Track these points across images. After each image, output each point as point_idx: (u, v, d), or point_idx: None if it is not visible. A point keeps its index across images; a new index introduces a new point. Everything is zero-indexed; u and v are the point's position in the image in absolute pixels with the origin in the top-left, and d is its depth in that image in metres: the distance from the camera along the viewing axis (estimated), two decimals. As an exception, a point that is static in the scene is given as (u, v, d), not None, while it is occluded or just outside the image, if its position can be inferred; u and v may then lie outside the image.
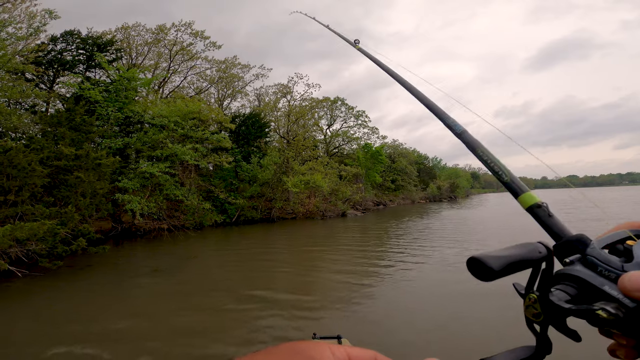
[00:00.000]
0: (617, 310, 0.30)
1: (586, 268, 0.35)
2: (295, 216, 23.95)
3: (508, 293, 0.46)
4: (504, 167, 0.51)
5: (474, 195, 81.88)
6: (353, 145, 39.73)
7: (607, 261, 0.34)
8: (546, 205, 0.44)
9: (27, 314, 5.71)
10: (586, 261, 0.35)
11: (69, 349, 4.25)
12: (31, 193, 9.74)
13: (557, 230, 0.41)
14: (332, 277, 7.67)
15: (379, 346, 4.00)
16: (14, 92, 13.02)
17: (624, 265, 0.33)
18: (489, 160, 0.53)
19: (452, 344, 3.96)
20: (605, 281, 0.33)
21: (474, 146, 0.57)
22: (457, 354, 3.62)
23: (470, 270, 0.36)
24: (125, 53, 22.92)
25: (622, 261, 0.34)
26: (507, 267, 0.36)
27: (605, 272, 0.33)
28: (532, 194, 0.46)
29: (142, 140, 16.74)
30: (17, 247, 8.11)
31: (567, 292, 0.34)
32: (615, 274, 0.33)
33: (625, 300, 0.31)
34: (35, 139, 11.75)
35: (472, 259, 0.36)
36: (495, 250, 0.37)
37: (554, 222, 0.42)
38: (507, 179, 0.49)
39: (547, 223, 0.43)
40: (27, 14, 12.95)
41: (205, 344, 4.31)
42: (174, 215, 17.60)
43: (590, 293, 0.33)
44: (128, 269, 9.56)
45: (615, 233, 0.38)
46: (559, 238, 0.40)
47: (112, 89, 16.64)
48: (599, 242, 0.37)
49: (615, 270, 0.33)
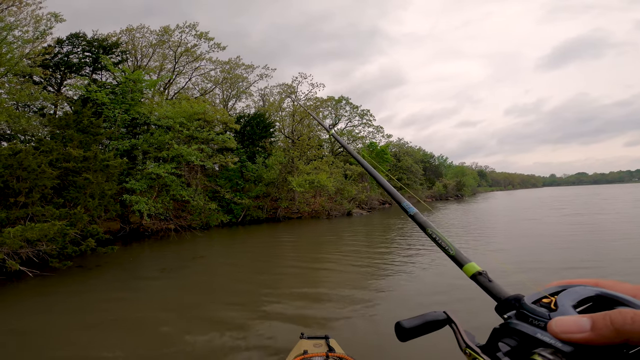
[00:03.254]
0: (554, 355, 0.34)
1: (520, 320, 0.40)
2: (301, 215, 23.95)
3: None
4: (449, 243, 0.57)
5: (480, 193, 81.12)
6: (358, 144, 39.60)
7: (536, 312, 0.39)
8: (485, 273, 0.52)
9: (40, 310, 5.77)
10: (520, 315, 0.41)
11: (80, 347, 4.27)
12: (41, 194, 9.86)
13: (496, 293, 0.48)
14: (338, 276, 7.63)
15: (379, 346, 3.95)
16: (23, 95, 13.19)
17: (550, 314, 0.38)
18: (437, 237, 0.59)
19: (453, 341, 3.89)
20: (537, 329, 0.38)
21: (424, 226, 0.63)
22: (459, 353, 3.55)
23: (395, 331, 0.49)
24: (131, 55, 23.10)
25: (548, 311, 0.39)
26: (417, 328, 0.49)
27: (535, 322, 0.38)
28: (474, 264, 0.53)
29: (149, 141, 16.85)
30: (28, 247, 8.21)
31: (507, 343, 0.40)
32: (544, 322, 0.37)
33: (559, 344, 0.35)
34: (45, 141, 11.88)
35: (396, 323, 0.50)
36: (411, 317, 0.49)
37: (493, 286, 0.50)
38: (453, 253, 0.56)
39: (487, 287, 0.50)
40: (33, 17, 13.10)
41: (215, 339, 4.31)
42: (181, 215, 17.72)
43: (528, 342, 0.38)
44: (136, 268, 9.63)
45: (545, 289, 0.43)
46: (499, 299, 0.47)
47: (119, 91, 16.77)
48: (530, 298, 0.42)
49: (543, 319, 0.38)
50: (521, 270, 6.78)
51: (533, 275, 6.63)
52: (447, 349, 1.65)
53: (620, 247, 9.08)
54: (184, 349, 4.16)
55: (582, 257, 7.99)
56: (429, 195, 49.07)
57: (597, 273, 6.85)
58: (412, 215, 0.68)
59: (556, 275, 6.48)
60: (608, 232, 11.79)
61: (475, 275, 0.52)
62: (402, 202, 0.72)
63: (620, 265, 7.23)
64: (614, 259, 7.73)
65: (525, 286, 0.51)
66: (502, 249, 9.72)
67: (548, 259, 8.06)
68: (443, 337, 0.52)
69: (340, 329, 4.51)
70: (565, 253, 8.58)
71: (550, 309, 0.39)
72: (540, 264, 7.56)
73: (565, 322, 0.36)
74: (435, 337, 0.72)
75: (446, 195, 53.25)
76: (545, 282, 0.45)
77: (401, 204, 0.72)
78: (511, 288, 0.50)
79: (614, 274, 6.58)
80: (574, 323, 0.35)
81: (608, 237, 10.66)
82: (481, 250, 9.45)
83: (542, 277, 6.46)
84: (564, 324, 0.36)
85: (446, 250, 0.57)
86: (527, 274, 6.57)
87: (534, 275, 6.63)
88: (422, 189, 47.26)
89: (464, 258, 0.55)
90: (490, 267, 0.60)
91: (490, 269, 0.54)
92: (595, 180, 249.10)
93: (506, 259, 8.27)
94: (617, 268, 6.99)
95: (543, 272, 6.95)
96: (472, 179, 72.28)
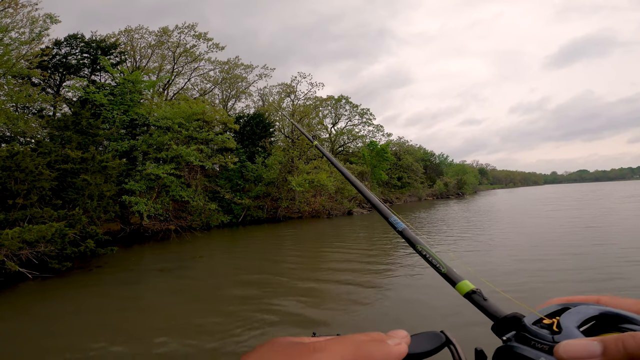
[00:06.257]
0: None
1: (521, 343, 0.38)
2: (302, 215, 23.91)
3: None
4: (440, 260, 0.54)
5: (482, 191, 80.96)
6: (358, 143, 39.57)
7: (539, 335, 0.38)
8: (480, 291, 0.48)
9: (39, 312, 5.73)
10: (520, 337, 0.39)
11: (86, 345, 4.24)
12: (39, 196, 9.83)
13: (492, 312, 0.45)
14: (339, 275, 7.58)
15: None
16: (21, 96, 13.17)
17: (554, 337, 0.36)
18: (428, 254, 0.56)
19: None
20: (540, 353, 0.36)
21: (414, 242, 0.61)
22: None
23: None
24: (129, 56, 23.09)
25: (551, 333, 0.37)
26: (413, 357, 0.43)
27: (539, 345, 0.37)
28: (467, 282, 0.50)
29: (148, 142, 16.83)
30: (27, 249, 8.19)
31: None
32: (548, 346, 0.36)
33: None
34: (43, 143, 11.87)
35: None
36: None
37: (489, 304, 0.46)
38: (445, 271, 0.53)
39: (483, 306, 0.47)
40: (29, 19, 13.07)
41: (214, 340, 4.26)
42: (181, 216, 17.69)
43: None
44: (136, 269, 9.60)
45: (545, 308, 0.42)
46: (496, 318, 0.44)
47: (117, 92, 16.75)
48: (530, 319, 0.40)
49: (547, 342, 0.36)
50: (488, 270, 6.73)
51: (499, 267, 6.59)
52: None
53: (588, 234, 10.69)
54: (185, 352, 4.12)
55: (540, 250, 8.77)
56: (429, 193, 48.99)
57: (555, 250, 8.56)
58: (401, 231, 0.65)
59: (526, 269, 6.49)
60: (578, 222, 14.07)
61: (469, 293, 0.49)
62: (389, 217, 0.70)
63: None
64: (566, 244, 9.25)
65: (523, 299, 0.46)
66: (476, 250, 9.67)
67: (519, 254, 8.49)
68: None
69: (349, 328, 4.46)
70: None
71: (552, 331, 0.37)
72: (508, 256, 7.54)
73: (574, 347, 0.33)
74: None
75: (447, 193, 53.15)
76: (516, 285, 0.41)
77: (388, 219, 0.69)
78: (504, 301, 0.49)
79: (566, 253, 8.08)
80: (584, 348, 0.32)
81: (578, 226, 12.65)
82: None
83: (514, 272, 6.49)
84: (573, 349, 0.33)
85: (437, 268, 0.54)
86: (493, 269, 6.53)
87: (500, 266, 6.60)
88: (423, 188, 47.19)
89: (457, 276, 0.52)
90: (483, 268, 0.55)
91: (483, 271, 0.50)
92: (596, 177, 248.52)
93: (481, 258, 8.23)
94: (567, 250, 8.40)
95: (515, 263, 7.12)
96: (473, 177, 72.17)
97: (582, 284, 5.80)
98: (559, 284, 5.80)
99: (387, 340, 0.33)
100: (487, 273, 6.68)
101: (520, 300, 0.45)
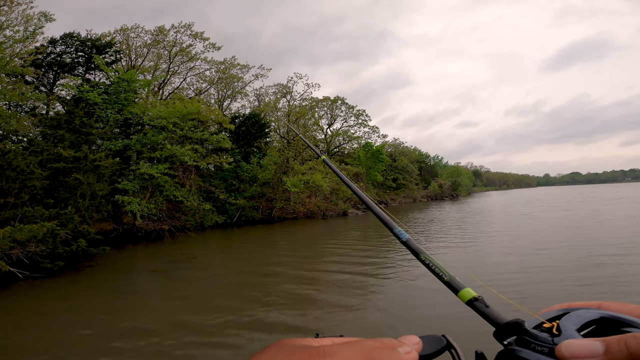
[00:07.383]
0: None
1: (522, 347, 0.39)
2: (296, 216, 23.93)
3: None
4: (443, 269, 0.57)
5: (476, 193, 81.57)
6: (354, 144, 39.68)
7: (539, 338, 0.38)
8: (482, 298, 0.50)
9: (29, 311, 5.72)
10: (521, 340, 0.40)
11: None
12: (31, 195, 9.77)
13: (494, 318, 0.47)
14: (333, 276, 7.64)
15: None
16: (14, 94, 13.07)
17: (554, 339, 0.37)
18: (431, 263, 0.59)
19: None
20: (540, 356, 0.37)
21: (417, 251, 0.63)
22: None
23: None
24: (125, 55, 22.97)
25: (551, 336, 0.38)
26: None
27: (539, 348, 0.37)
28: (470, 290, 0.52)
29: (142, 141, 16.75)
30: (18, 248, 8.14)
31: None
32: (548, 348, 0.37)
33: None
34: (35, 142, 11.78)
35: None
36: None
37: (491, 311, 0.48)
38: (447, 279, 0.55)
39: (485, 313, 0.48)
40: (24, 17, 12.98)
41: (205, 342, 4.30)
42: (175, 216, 17.63)
43: None
44: (128, 269, 9.58)
45: (546, 313, 0.43)
46: (497, 325, 0.46)
47: (112, 90, 16.66)
48: (530, 323, 0.41)
49: (547, 345, 0.37)
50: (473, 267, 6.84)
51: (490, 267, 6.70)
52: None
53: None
54: (176, 351, 4.15)
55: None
56: (424, 195, 49.26)
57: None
58: (405, 241, 0.67)
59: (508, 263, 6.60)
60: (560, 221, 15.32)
61: (471, 301, 0.50)
62: (394, 228, 0.72)
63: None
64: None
65: (524, 301, 0.50)
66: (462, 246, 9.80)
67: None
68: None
69: (354, 328, 4.50)
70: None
71: (552, 333, 0.38)
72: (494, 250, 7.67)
73: (575, 346, 0.33)
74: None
75: (441, 195, 53.48)
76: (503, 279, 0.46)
77: (393, 230, 0.72)
78: (504, 306, 0.51)
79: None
80: (585, 347, 0.33)
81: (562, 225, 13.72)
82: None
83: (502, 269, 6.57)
84: (575, 348, 0.33)
85: (440, 277, 0.56)
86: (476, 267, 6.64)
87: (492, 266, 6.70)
88: (418, 189, 47.45)
89: (459, 284, 0.53)
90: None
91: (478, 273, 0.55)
92: (588, 179, 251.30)
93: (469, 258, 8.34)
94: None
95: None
96: (468, 179, 72.66)
97: (584, 287, 5.81)
98: (559, 289, 5.79)
99: (398, 348, 0.32)
100: (487, 278, 6.72)
101: (521, 307, 0.48)
